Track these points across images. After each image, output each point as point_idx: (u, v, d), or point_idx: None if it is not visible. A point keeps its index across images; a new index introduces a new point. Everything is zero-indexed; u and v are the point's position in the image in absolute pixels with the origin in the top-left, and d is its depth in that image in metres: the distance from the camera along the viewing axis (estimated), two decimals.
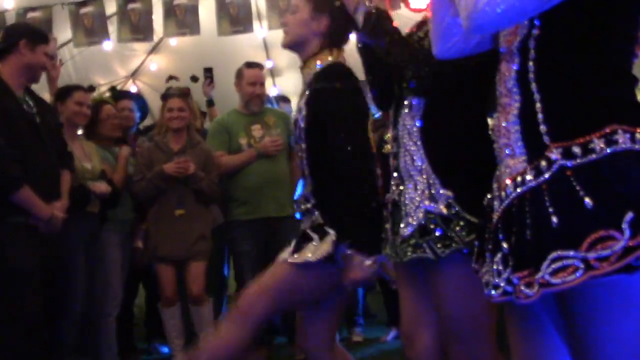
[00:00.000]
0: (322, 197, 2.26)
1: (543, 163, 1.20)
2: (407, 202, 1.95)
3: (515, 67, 1.28)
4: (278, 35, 6.44)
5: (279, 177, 4.02)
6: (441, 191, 1.87)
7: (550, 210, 1.15)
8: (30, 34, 3.16)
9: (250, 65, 4.16)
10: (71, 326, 3.39)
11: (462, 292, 1.86)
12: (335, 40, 2.30)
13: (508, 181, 1.28)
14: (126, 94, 5.05)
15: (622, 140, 1.15)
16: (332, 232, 2.16)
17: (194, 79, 5.20)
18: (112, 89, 6.55)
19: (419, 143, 1.93)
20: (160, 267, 3.82)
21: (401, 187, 1.99)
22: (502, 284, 1.22)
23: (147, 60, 7.19)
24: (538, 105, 1.23)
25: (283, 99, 5.53)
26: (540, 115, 1.22)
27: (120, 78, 7.26)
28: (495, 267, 1.25)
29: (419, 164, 1.93)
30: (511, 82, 1.29)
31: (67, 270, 3.30)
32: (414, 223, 1.91)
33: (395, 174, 2.03)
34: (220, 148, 4.04)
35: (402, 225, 1.94)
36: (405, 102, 1.98)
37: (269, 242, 3.93)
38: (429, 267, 1.93)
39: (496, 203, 1.32)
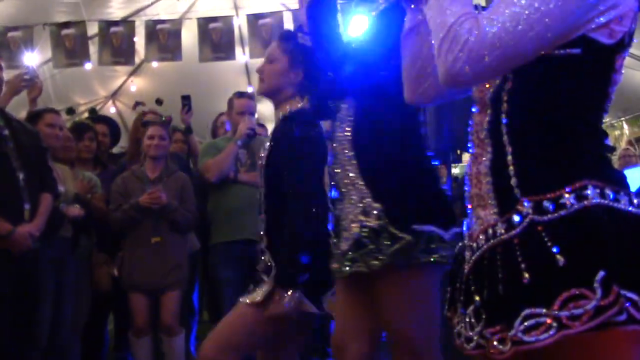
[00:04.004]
0: (273, 238, 2.33)
1: (515, 217, 1.19)
2: (344, 216, 1.95)
3: (487, 118, 1.28)
4: (260, 62, 6.51)
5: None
6: (373, 204, 1.87)
7: (522, 266, 1.14)
8: None
9: (240, 95, 4.20)
10: (37, 354, 3.29)
11: (401, 304, 1.87)
12: (308, 90, 2.37)
13: (479, 232, 1.27)
14: (103, 119, 5.01)
15: (592, 195, 1.15)
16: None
17: (159, 102, 5.21)
18: (92, 111, 6.50)
19: (350, 154, 1.95)
20: (134, 295, 3.74)
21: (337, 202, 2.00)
22: (475, 337, 1.21)
23: (128, 82, 7.17)
24: (509, 157, 1.23)
25: (259, 125, 5.53)
26: (511, 168, 1.22)
27: (100, 98, 7.23)
28: (467, 319, 1.24)
29: (352, 176, 1.94)
30: (484, 133, 1.29)
31: (37, 297, 3.22)
32: (350, 237, 1.91)
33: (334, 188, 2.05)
34: None
35: (341, 240, 1.95)
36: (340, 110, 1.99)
37: (250, 267, 3.88)
38: (368, 281, 1.92)
39: (467, 254, 1.31)
